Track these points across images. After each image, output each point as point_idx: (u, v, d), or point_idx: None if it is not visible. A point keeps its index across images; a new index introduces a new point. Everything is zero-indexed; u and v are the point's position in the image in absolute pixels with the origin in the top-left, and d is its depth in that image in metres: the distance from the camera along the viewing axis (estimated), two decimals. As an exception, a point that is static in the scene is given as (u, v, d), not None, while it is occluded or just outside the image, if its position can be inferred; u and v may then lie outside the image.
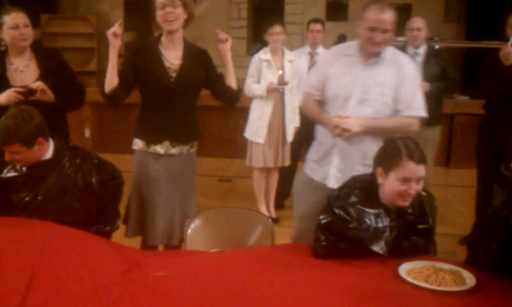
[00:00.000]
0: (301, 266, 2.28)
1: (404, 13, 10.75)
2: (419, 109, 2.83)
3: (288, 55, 4.91)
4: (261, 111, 4.83)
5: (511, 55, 3.95)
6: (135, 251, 2.51)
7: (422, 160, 2.27)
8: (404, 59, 2.90)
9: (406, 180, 2.25)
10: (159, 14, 2.93)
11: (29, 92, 3.06)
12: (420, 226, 2.38)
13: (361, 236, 2.28)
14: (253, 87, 4.77)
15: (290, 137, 4.95)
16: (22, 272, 2.04)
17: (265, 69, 4.78)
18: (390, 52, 2.85)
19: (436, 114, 4.73)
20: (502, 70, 4.03)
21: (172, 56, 3.01)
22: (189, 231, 2.77)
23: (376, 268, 2.22)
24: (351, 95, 2.80)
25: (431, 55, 4.74)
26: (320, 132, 2.97)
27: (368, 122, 2.76)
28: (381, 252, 2.27)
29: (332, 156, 2.87)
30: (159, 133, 3.04)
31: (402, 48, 4.83)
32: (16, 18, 3.14)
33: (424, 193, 2.40)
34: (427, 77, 4.58)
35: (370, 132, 2.77)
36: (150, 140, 3.05)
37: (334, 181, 2.82)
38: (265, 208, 5.06)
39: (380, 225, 2.30)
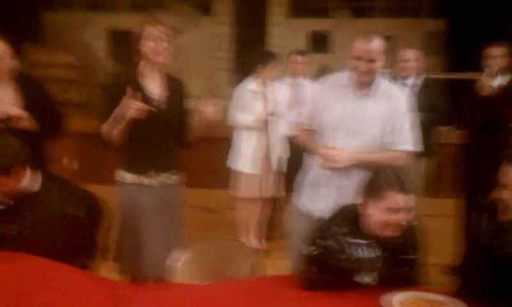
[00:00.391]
0: (291, 298, 2.26)
1: (387, 45, 10.98)
2: (407, 143, 2.83)
3: (274, 86, 4.92)
4: (248, 141, 4.80)
5: (486, 86, 4.04)
6: (120, 284, 2.47)
7: (408, 190, 2.27)
8: (396, 92, 2.88)
9: (394, 210, 2.25)
10: (149, 45, 2.93)
11: (6, 120, 3.02)
12: (409, 257, 2.37)
13: (351, 267, 2.26)
14: (245, 117, 4.75)
15: (275, 167, 4.93)
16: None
17: (251, 99, 4.77)
18: (383, 84, 2.85)
19: (424, 146, 4.76)
20: (480, 100, 4.11)
21: (153, 86, 3.01)
22: (177, 263, 2.73)
23: (365, 300, 2.20)
24: (340, 125, 2.81)
25: (423, 86, 4.75)
26: (310, 163, 2.97)
27: (356, 156, 2.77)
28: (373, 283, 2.25)
29: (319, 187, 2.88)
30: (146, 165, 3.01)
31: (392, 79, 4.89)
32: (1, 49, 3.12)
33: (414, 223, 2.40)
34: (417, 108, 4.63)
35: (359, 165, 2.77)
36: (140, 172, 3.02)
37: (322, 213, 2.75)
38: (250, 241, 4.97)
39: (369, 256, 2.28)
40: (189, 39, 10.90)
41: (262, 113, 4.72)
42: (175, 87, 3.10)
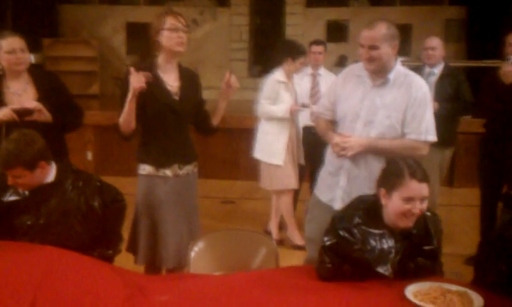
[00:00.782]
0: (306, 289, 2.26)
1: (404, 34, 10.85)
2: (426, 132, 2.78)
3: (295, 77, 4.97)
4: (278, 134, 4.79)
5: (510, 74, 3.96)
6: (138, 275, 2.49)
7: (424, 179, 2.26)
8: (414, 81, 2.83)
9: (409, 200, 2.24)
10: (169, 36, 2.94)
11: (25, 112, 3.07)
12: (426, 247, 2.35)
13: (366, 258, 2.25)
14: (271, 108, 4.75)
15: (302, 158, 4.97)
16: (24, 298, 2.01)
17: (283, 91, 4.77)
18: (400, 73, 2.82)
19: (445, 136, 4.70)
20: (502, 88, 4.04)
21: (171, 79, 3.03)
22: (193, 254, 2.75)
23: (382, 291, 2.19)
24: (358, 116, 2.81)
25: (446, 75, 4.70)
26: (329, 153, 2.97)
27: (370, 142, 2.76)
28: (386, 273, 2.24)
29: (339, 177, 2.88)
30: (167, 157, 3.04)
31: (419, 67, 4.84)
32: (12, 43, 3.17)
33: (428, 213, 2.38)
34: (439, 97, 4.58)
35: (375, 152, 2.76)
36: (159, 164, 3.04)
37: (340, 204, 2.82)
38: (298, 234, 4.91)
39: (385, 246, 2.28)
40: (207, 31, 10.91)
41: (293, 104, 4.75)
42: (191, 78, 3.13)
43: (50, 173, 2.68)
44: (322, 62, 5.26)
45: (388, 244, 2.28)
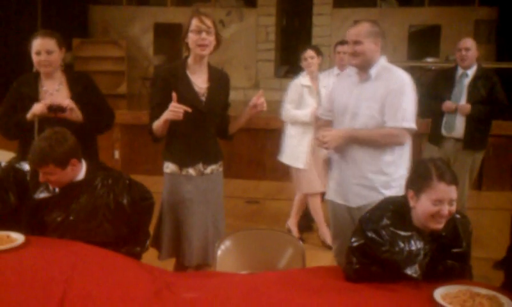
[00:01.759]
0: (333, 289, 2.24)
1: (433, 34, 10.74)
2: (402, 120, 2.90)
3: (322, 80, 4.90)
4: (300, 138, 4.78)
5: None
6: (165, 272, 2.50)
7: (453, 181, 2.24)
8: (393, 73, 2.98)
9: (437, 202, 2.22)
10: (193, 38, 2.96)
11: (57, 108, 3.13)
12: (455, 250, 2.32)
13: (394, 260, 2.23)
14: (296, 113, 4.75)
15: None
16: (54, 292, 2.05)
17: (307, 95, 4.76)
18: (382, 68, 2.99)
19: (477, 139, 4.64)
20: None
21: (199, 80, 3.05)
22: (219, 252, 2.76)
23: (410, 293, 2.17)
24: (346, 110, 3.01)
25: (480, 77, 4.62)
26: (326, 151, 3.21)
27: (348, 133, 2.96)
28: (414, 275, 2.22)
29: (333, 170, 3.11)
30: (191, 157, 3.07)
31: (452, 69, 4.77)
32: (39, 45, 3.21)
33: (458, 216, 2.36)
34: (472, 99, 4.51)
35: (356, 142, 2.94)
36: (183, 163, 3.08)
37: (333, 194, 3.10)
38: (328, 234, 4.80)
39: (413, 248, 2.25)
40: (234, 32, 10.94)
41: (316, 108, 4.63)
42: (220, 80, 3.14)
43: (81, 171, 2.72)
44: (348, 62, 5.21)
45: (416, 245, 2.26)
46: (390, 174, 2.95)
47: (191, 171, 3.08)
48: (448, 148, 4.66)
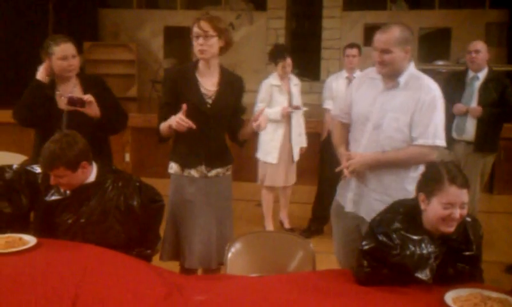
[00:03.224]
0: (343, 293, 2.24)
1: (443, 37, 10.69)
2: (434, 137, 2.72)
3: (294, 79, 5.24)
4: (274, 133, 5.09)
5: None
6: (175, 274, 2.51)
7: (464, 184, 2.23)
8: (424, 84, 2.77)
9: (449, 205, 2.21)
10: (194, 43, 2.99)
11: (78, 101, 3.18)
12: (466, 253, 2.32)
13: (405, 263, 2.23)
14: (267, 111, 4.92)
15: (296, 157, 5.25)
16: (66, 294, 2.06)
17: (277, 93, 5.08)
18: (411, 76, 2.78)
19: (488, 142, 4.62)
20: None
21: (208, 83, 3.06)
22: (229, 255, 2.77)
23: (421, 296, 2.17)
24: (368, 119, 2.81)
25: (490, 79, 4.61)
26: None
27: (373, 158, 2.78)
28: (425, 279, 2.21)
29: (351, 180, 2.90)
30: (194, 158, 3.07)
31: (463, 72, 4.76)
32: (65, 50, 3.26)
33: (468, 219, 2.35)
34: (483, 101, 4.49)
35: (380, 166, 2.77)
36: (185, 164, 3.09)
37: (350, 205, 2.91)
38: (271, 223, 5.31)
39: (424, 251, 2.24)
40: (244, 35, 10.94)
41: (286, 107, 5.00)
42: (232, 84, 3.13)
43: (91, 173, 2.73)
44: (357, 66, 5.29)
45: (427, 249, 2.25)
46: (412, 191, 2.71)
47: (193, 172, 3.08)
48: (458, 151, 4.65)
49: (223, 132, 3.16)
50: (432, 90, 2.75)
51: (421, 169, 2.72)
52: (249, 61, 10.70)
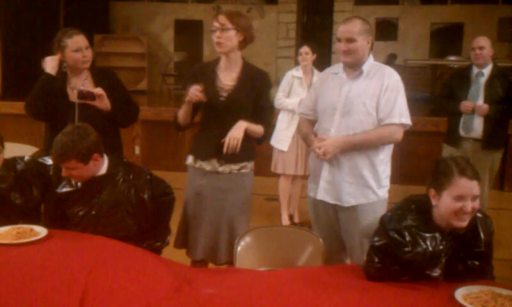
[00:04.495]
0: (353, 288, 2.24)
1: (456, 32, 10.63)
2: (399, 116, 2.85)
3: (317, 75, 5.19)
4: (290, 123, 5.20)
5: None
6: (185, 267, 2.52)
7: (474, 176, 2.22)
8: (385, 69, 2.95)
9: (460, 198, 2.20)
10: (213, 37, 3.02)
11: (88, 94, 3.21)
12: (476, 249, 2.30)
13: (416, 260, 2.22)
14: (285, 101, 5.18)
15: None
16: (76, 286, 2.06)
17: (297, 85, 5.17)
18: (372, 65, 2.94)
19: (496, 138, 4.59)
20: None
21: (228, 78, 3.06)
22: (239, 248, 2.77)
23: (431, 292, 2.16)
24: (335, 108, 2.91)
25: (496, 76, 4.58)
26: (311, 153, 3.05)
27: (346, 141, 2.85)
28: (436, 275, 2.21)
29: (322, 169, 2.96)
30: (206, 151, 3.07)
31: (467, 68, 4.73)
32: (78, 41, 3.27)
33: (479, 215, 2.33)
34: (489, 98, 4.46)
35: (352, 149, 2.85)
36: (198, 156, 3.12)
37: (323, 193, 2.95)
38: (287, 215, 5.39)
39: (436, 249, 2.23)
40: (255, 28, 10.89)
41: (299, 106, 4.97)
42: (253, 80, 3.08)
43: (103, 166, 2.74)
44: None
45: (439, 246, 2.24)
46: (381, 173, 2.91)
47: (204, 165, 3.08)
48: (466, 149, 4.62)
49: None
50: (394, 75, 2.93)
51: (386, 151, 2.93)
52: (259, 55, 10.67)
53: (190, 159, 3.15)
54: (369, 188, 2.88)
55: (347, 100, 2.88)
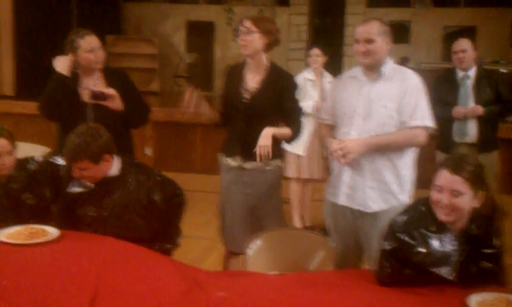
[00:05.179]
0: (364, 293, 2.22)
1: (468, 36, 10.55)
2: (423, 118, 2.81)
3: (328, 77, 5.25)
4: (304, 126, 5.01)
5: None
6: (196, 270, 2.51)
7: (457, 170, 2.19)
8: (406, 72, 2.93)
9: (438, 189, 2.20)
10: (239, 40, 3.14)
11: (100, 95, 3.23)
12: (488, 251, 2.27)
13: (428, 262, 2.20)
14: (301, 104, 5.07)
15: (326, 153, 5.13)
16: (87, 286, 2.07)
17: (311, 88, 5.14)
18: (392, 67, 2.91)
19: (491, 139, 4.57)
20: None
21: (254, 80, 3.18)
22: (250, 251, 2.76)
23: (443, 298, 2.14)
24: (355, 112, 2.88)
25: (482, 77, 4.55)
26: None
27: (369, 142, 2.80)
28: (450, 277, 2.18)
29: (343, 173, 2.91)
30: (231, 148, 3.23)
31: (449, 71, 4.70)
32: (91, 42, 3.29)
33: (490, 216, 2.30)
34: (480, 100, 4.44)
35: (377, 150, 2.80)
36: (224, 152, 3.28)
37: (345, 198, 2.90)
38: (298, 219, 5.37)
39: (447, 249, 2.21)
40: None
41: (317, 101, 5.04)
42: (277, 82, 3.18)
43: (114, 167, 2.74)
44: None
45: (449, 246, 2.22)
46: (405, 178, 2.87)
47: (230, 161, 3.23)
48: None
49: (262, 128, 3.12)
50: (416, 77, 2.89)
51: (410, 155, 2.88)
52: (270, 57, 10.67)
53: (220, 155, 3.32)
54: (391, 193, 2.85)
55: (367, 103, 2.85)
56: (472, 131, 4.49)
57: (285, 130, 3.15)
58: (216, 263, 3.53)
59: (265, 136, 3.03)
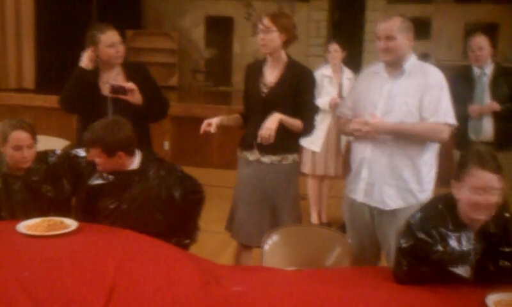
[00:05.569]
0: (381, 290, 2.22)
1: (490, 32, 10.42)
2: (445, 115, 2.80)
3: (347, 73, 5.21)
4: (320, 123, 5.05)
5: None
6: (213, 264, 2.52)
7: (494, 169, 2.17)
8: (428, 69, 2.90)
9: (477, 190, 2.16)
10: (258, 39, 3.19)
11: (119, 89, 3.26)
12: (507, 249, 2.25)
13: (445, 260, 2.19)
14: (318, 101, 5.00)
15: (343, 150, 5.26)
16: (104, 279, 2.09)
17: (327, 84, 5.12)
18: (414, 64, 2.89)
19: (508, 138, 4.49)
20: None
21: (272, 75, 3.23)
22: (266, 247, 2.77)
23: (461, 296, 2.13)
24: (376, 107, 2.87)
25: (499, 74, 4.48)
26: (352, 151, 3.05)
27: (393, 125, 2.80)
28: (466, 276, 2.17)
29: (361, 170, 2.92)
30: (248, 142, 3.25)
31: (466, 68, 4.64)
32: (112, 37, 3.33)
33: (507, 215, 2.28)
34: (497, 97, 4.38)
35: (398, 136, 2.80)
36: (242, 146, 3.31)
37: (363, 195, 2.91)
38: (315, 215, 5.39)
39: (464, 248, 2.20)
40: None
41: (333, 98, 5.02)
42: (294, 77, 3.20)
43: (135, 160, 2.77)
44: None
45: (467, 245, 2.21)
46: (424, 175, 2.85)
47: (248, 154, 3.25)
48: None
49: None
50: (438, 73, 2.88)
51: (431, 152, 2.87)
52: (290, 53, 10.64)
53: (239, 149, 3.35)
54: (409, 191, 2.84)
55: (388, 99, 2.85)
56: (487, 129, 4.43)
57: (295, 121, 3.15)
58: (232, 257, 3.53)
59: (272, 120, 3.05)
